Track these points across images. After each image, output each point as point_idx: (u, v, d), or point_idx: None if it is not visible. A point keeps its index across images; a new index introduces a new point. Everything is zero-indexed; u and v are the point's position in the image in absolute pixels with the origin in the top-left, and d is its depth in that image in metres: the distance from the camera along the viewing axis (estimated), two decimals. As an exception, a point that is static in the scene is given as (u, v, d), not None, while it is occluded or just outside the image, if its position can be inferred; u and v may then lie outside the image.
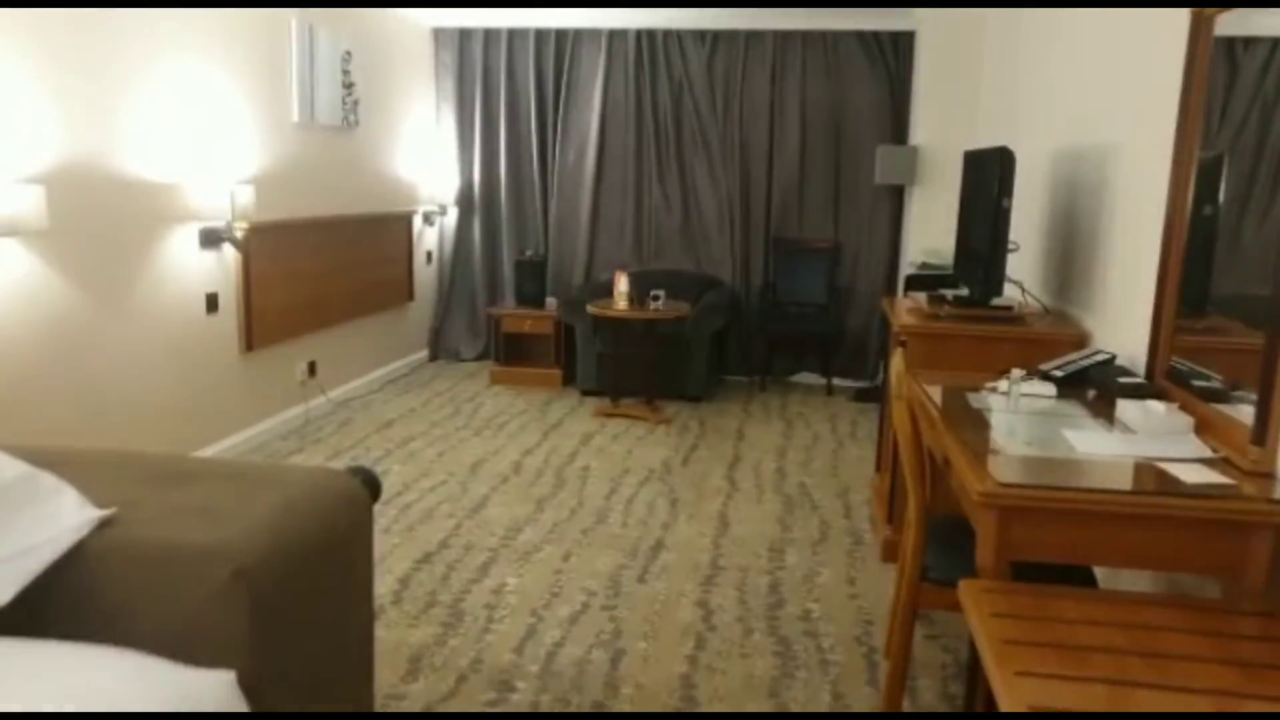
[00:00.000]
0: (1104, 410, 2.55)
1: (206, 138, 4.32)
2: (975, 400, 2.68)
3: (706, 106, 6.52)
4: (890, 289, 6.44)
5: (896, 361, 2.44)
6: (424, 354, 7.00)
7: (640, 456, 4.82)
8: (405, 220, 6.47)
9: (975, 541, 2.00)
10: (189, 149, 4.20)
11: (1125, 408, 2.45)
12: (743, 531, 3.85)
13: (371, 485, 2.02)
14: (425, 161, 6.80)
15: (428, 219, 6.88)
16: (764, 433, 5.33)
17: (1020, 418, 2.47)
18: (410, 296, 6.60)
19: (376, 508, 4.10)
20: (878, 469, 4.25)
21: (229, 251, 4.52)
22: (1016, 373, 2.62)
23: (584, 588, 3.31)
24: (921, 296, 3.82)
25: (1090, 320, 3.35)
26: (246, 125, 4.63)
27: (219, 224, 4.34)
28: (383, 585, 3.28)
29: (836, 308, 6.49)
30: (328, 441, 4.94)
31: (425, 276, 6.93)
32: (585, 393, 6.09)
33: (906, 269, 5.98)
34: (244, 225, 4.51)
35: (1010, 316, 3.49)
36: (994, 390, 2.80)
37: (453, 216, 7.00)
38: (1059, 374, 2.87)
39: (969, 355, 3.40)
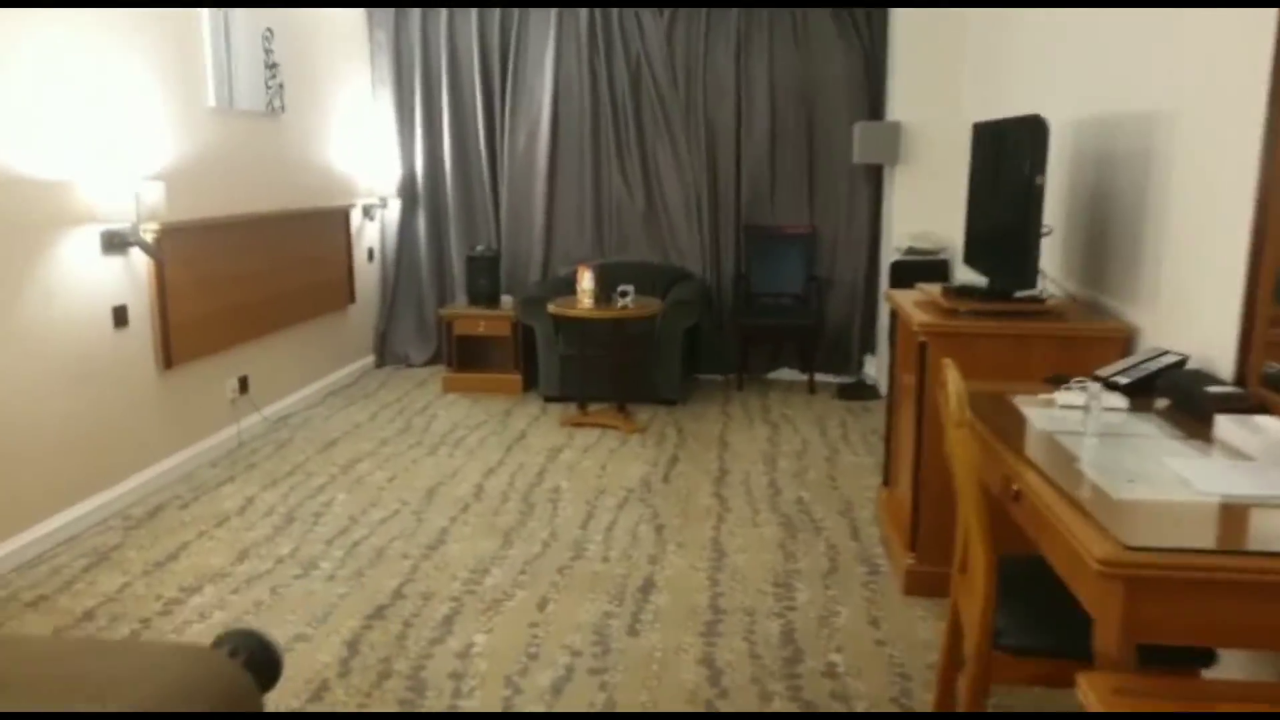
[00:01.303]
0: (1192, 427, 2.12)
1: (103, 127, 3.71)
2: (1033, 416, 2.23)
3: (667, 84, 6.02)
4: (872, 277, 6.02)
5: (952, 377, 1.98)
6: (370, 360, 6.43)
7: (616, 472, 4.33)
8: (342, 215, 5.88)
9: (1055, 589, 1.56)
10: (82, 140, 3.60)
11: (1226, 426, 2.03)
12: (742, 562, 3.38)
13: (263, 664, 1.45)
14: (362, 150, 6.21)
15: (367, 213, 6.29)
16: (749, 439, 4.87)
17: (1102, 443, 2.03)
18: (351, 298, 6.02)
19: (318, 548, 3.60)
20: (885, 482, 3.82)
21: (138, 257, 3.92)
22: (1092, 385, 2.18)
23: (566, 645, 2.81)
24: (933, 288, 3.39)
25: (1135, 313, 2.93)
26: (153, 113, 4.03)
27: (123, 226, 3.75)
28: (327, 652, 2.76)
29: (815, 298, 6.06)
30: (262, 467, 4.37)
31: (367, 276, 6.35)
32: (549, 399, 5.58)
33: (891, 255, 5.56)
34: (154, 226, 3.92)
35: (1043, 310, 3.07)
36: (1050, 403, 2.37)
37: (395, 209, 6.42)
38: (1122, 380, 2.44)
39: (998, 358, 2.97)
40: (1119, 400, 2.29)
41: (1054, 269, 3.67)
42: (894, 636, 2.88)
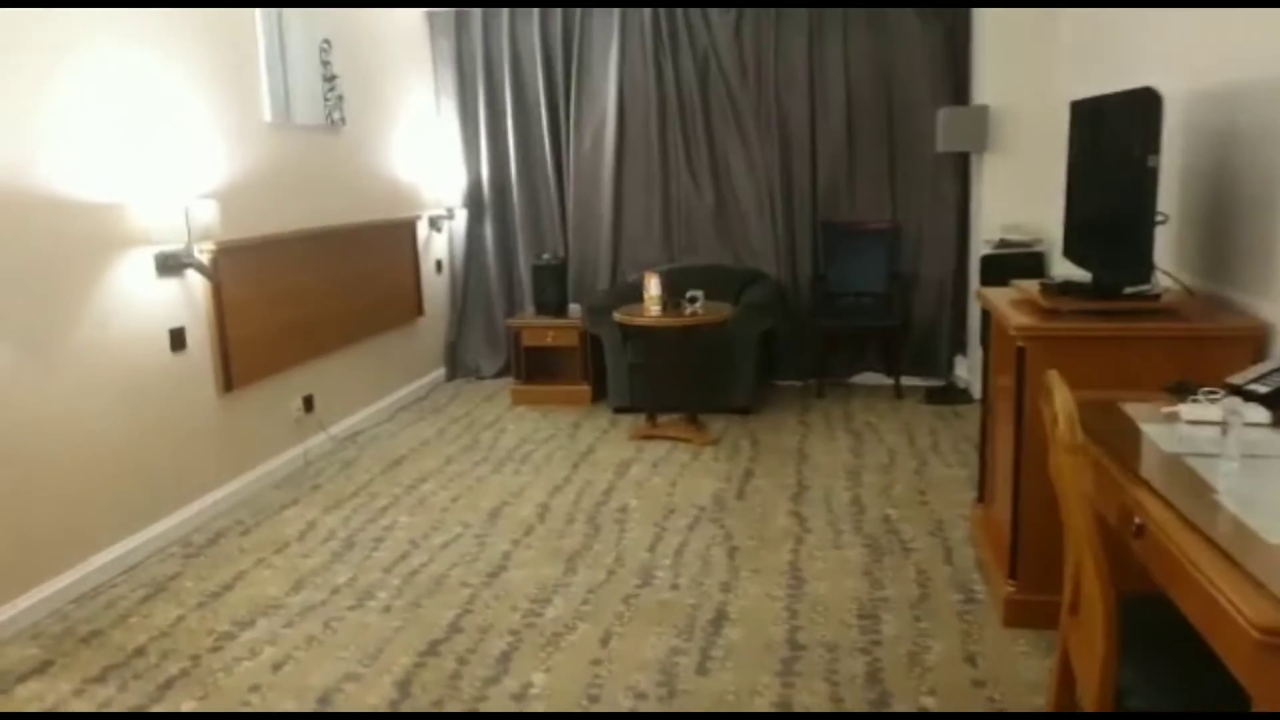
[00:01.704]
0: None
1: (156, 146, 3.65)
2: (1155, 434, 1.92)
3: (737, 78, 5.76)
4: (961, 272, 5.64)
5: (1060, 393, 1.69)
6: (440, 373, 6.33)
7: (686, 489, 4.10)
8: (408, 227, 5.78)
9: (1192, 638, 1.27)
10: (134, 161, 3.54)
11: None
12: (823, 590, 3.11)
13: None
14: (427, 160, 6.11)
15: (434, 224, 6.20)
16: (829, 450, 4.58)
17: (1244, 468, 1.71)
18: (420, 311, 5.92)
19: (376, 576, 3.39)
20: (980, 498, 3.50)
21: (194, 278, 3.85)
22: (1228, 396, 1.87)
23: (630, 686, 2.59)
24: (1030, 285, 3.06)
25: (1268, 308, 2.56)
26: (207, 130, 3.96)
27: (177, 247, 3.68)
28: (376, 693, 2.60)
29: (899, 297, 5.72)
30: (327, 488, 4.27)
31: (436, 288, 6.25)
32: (618, 410, 5.37)
33: (981, 249, 5.20)
34: (209, 246, 3.85)
35: (1157, 308, 2.72)
36: (1174, 418, 2.05)
37: (462, 220, 6.31)
38: (1260, 389, 2.11)
39: (1107, 363, 2.64)
40: (1259, 413, 1.96)
41: (1165, 260, 3.29)
42: (993, 675, 2.58)
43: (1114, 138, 2.79)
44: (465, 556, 3.48)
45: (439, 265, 6.31)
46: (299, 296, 4.56)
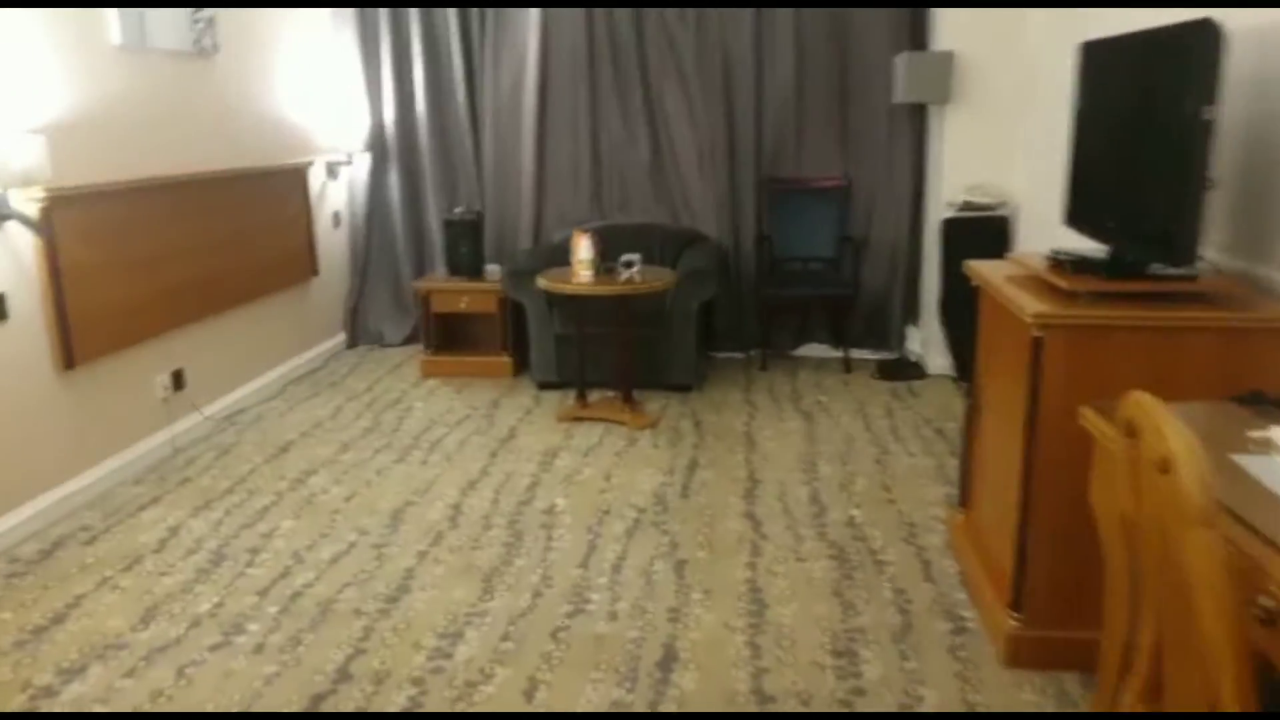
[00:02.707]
0: None
1: (-39, 65, 2.90)
2: (1258, 470, 1.46)
3: (675, 15, 5.16)
4: (915, 236, 5.20)
5: (1174, 431, 1.20)
6: (340, 340, 5.65)
7: (623, 484, 3.58)
8: (298, 174, 5.06)
9: None
10: (-71, 82, 2.79)
11: None
12: (788, 618, 2.63)
13: None
14: (322, 98, 5.36)
15: (331, 171, 5.47)
16: (780, 434, 4.11)
17: None
18: (314, 271, 5.22)
19: (248, 601, 2.65)
20: (962, 504, 3.06)
21: (17, 232, 3.12)
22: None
23: (562, 759, 2.08)
24: (1032, 259, 2.60)
25: (1332, 294, 2.14)
26: (32, 51, 3.20)
27: (-7, 194, 2.95)
28: (235, 779, 2.02)
29: (850, 262, 5.25)
30: (197, 483, 3.62)
31: (333, 244, 5.55)
32: (543, 386, 4.81)
33: (941, 211, 4.75)
34: (39, 194, 3.12)
35: (1195, 292, 2.28)
36: (1273, 446, 1.60)
37: (363, 167, 5.59)
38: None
39: (1140, 361, 2.19)
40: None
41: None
42: (1003, 737, 2.14)
43: (1150, 83, 2.31)
44: (359, 574, 2.90)
45: (336, 218, 5.60)
46: (165, 255, 3.84)
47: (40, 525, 3.23)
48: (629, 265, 4.21)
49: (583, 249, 4.18)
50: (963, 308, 4.70)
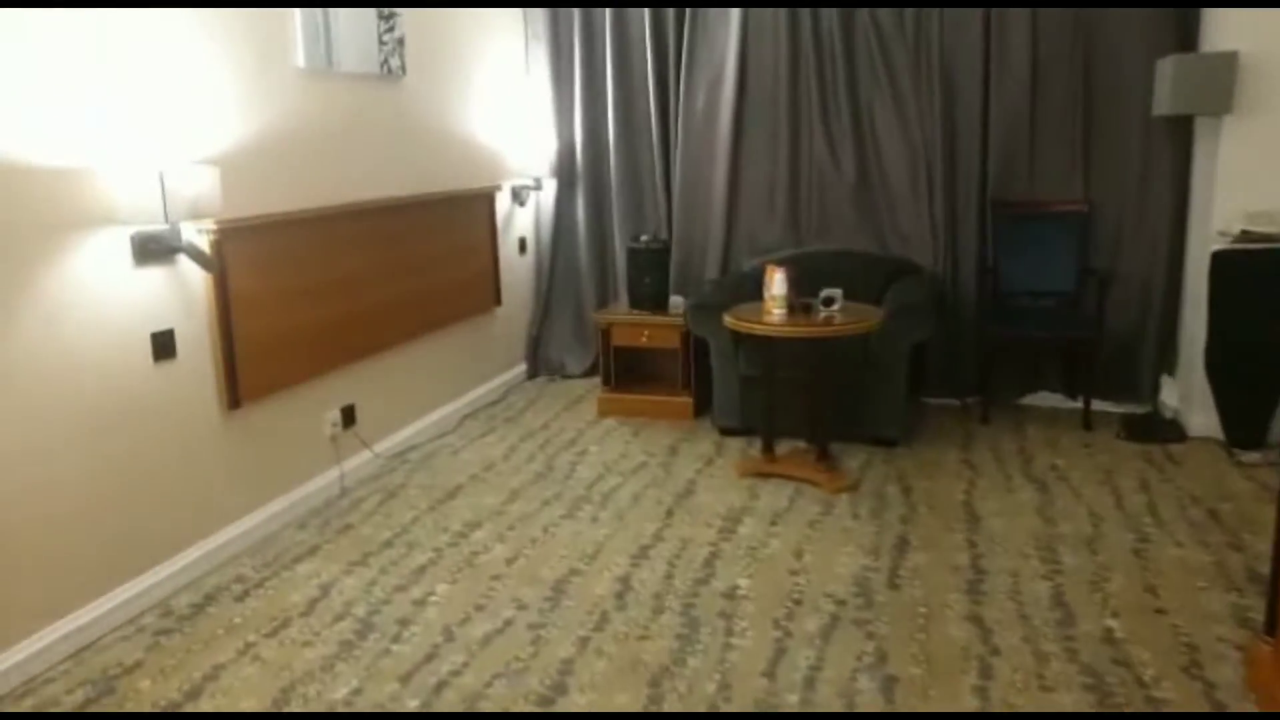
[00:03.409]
0: None
1: (140, 96, 2.79)
2: None
3: (890, 18, 4.59)
4: (1174, 270, 4.38)
5: None
6: (520, 370, 5.42)
7: (818, 563, 3.07)
8: (485, 199, 4.86)
9: None
10: (110, 112, 2.68)
11: None
12: (1034, 779, 2.05)
13: None
14: (510, 120, 5.16)
15: (517, 196, 5.26)
16: (1009, 508, 3.46)
17: None
18: (497, 300, 5.01)
19: (389, 689, 2.34)
20: (1268, 630, 2.35)
21: (187, 267, 3.00)
22: None
23: None
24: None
25: None
26: (214, 77, 3.09)
27: (160, 227, 2.82)
28: None
29: (1090, 299, 4.49)
30: (358, 531, 3.41)
31: (518, 272, 5.33)
32: (725, 432, 4.36)
33: (1213, 241, 3.94)
34: (207, 226, 2.99)
35: None
36: None
37: (551, 192, 5.35)
38: None
39: None
40: None
41: None
42: None
43: None
44: (512, 662, 2.55)
45: (522, 244, 5.38)
46: (341, 286, 3.69)
47: (200, 572, 3.09)
48: (829, 303, 3.70)
49: (776, 284, 3.70)
50: (1241, 358, 3.87)
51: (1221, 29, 3.97)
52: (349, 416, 3.85)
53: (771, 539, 3.25)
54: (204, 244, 2.99)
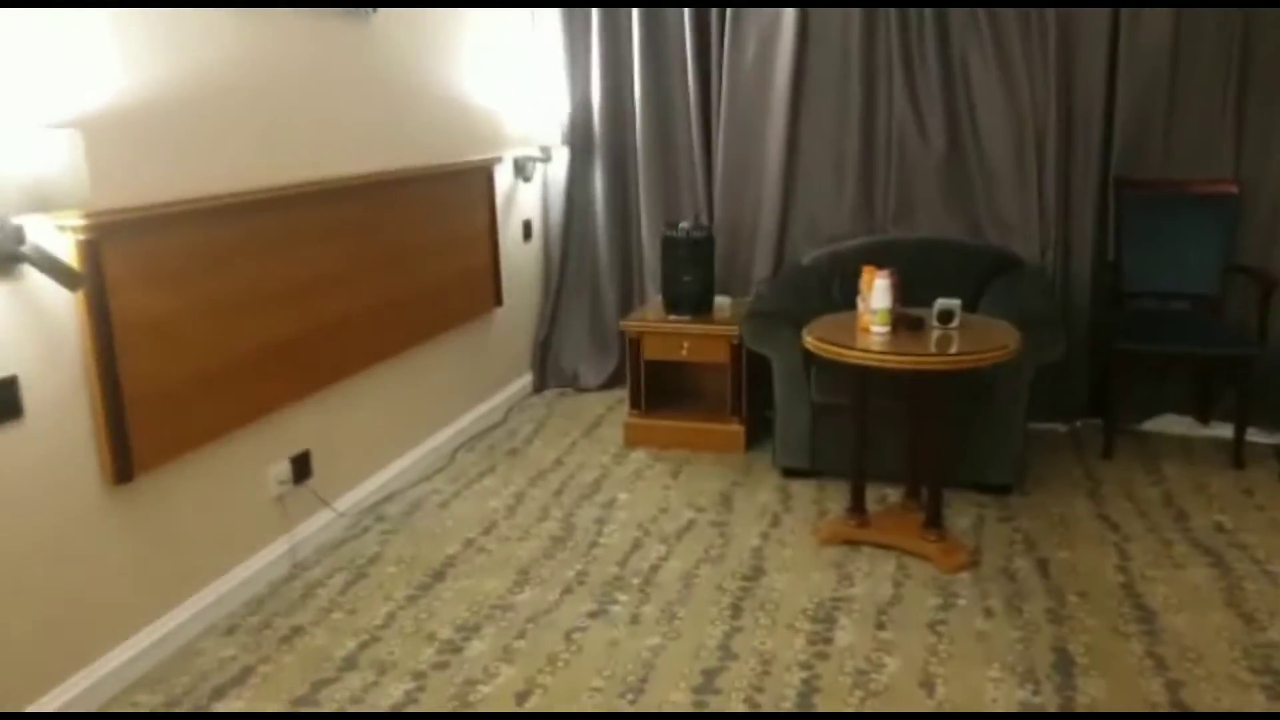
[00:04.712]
0: None
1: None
2: None
3: (993, -51, 3.63)
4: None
5: None
6: (526, 383, 4.49)
7: (957, 697, 2.16)
8: (481, 175, 3.90)
9: None
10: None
11: None
12: None
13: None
14: (514, 75, 4.18)
15: (521, 170, 4.29)
16: (1183, 596, 2.56)
17: None
18: (497, 300, 4.06)
19: None
20: None
21: (37, 284, 2.04)
22: None
23: None
24: None
25: None
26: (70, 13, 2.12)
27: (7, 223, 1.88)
28: None
29: (1238, 303, 3.58)
30: (308, 639, 2.48)
31: (522, 262, 4.37)
32: (788, 473, 3.44)
33: None
34: (71, 222, 2.04)
35: None
36: None
37: (562, 164, 4.39)
38: None
39: None
40: None
41: None
42: None
43: None
44: None
45: (527, 229, 4.42)
46: (287, 297, 2.74)
47: (91, 703, 2.17)
48: (946, 317, 2.77)
49: (877, 295, 2.76)
50: None
51: None
52: (302, 468, 2.91)
53: (884, 655, 2.34)
54: (64, 248, 2.04)
